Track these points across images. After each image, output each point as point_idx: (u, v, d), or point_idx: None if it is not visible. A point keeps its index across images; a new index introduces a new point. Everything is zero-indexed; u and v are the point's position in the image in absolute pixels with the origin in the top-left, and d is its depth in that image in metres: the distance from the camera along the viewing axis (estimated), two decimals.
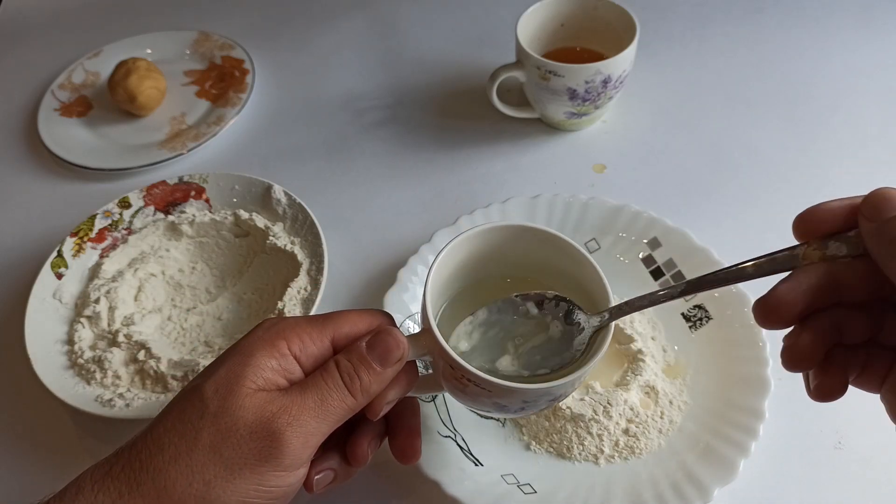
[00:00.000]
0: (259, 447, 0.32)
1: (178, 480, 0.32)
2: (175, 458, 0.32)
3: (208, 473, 0.32)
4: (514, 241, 0.45)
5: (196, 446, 0.32)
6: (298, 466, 0.34)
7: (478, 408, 0.45)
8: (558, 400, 0.42)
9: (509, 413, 0.42)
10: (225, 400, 0.33)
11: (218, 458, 0.32)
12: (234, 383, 0.33)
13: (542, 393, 0.39)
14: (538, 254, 0.45)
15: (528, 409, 0.41)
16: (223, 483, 0.32)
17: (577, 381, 0.40)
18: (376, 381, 0.36)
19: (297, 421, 0.33)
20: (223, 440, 0.32)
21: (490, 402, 0.40)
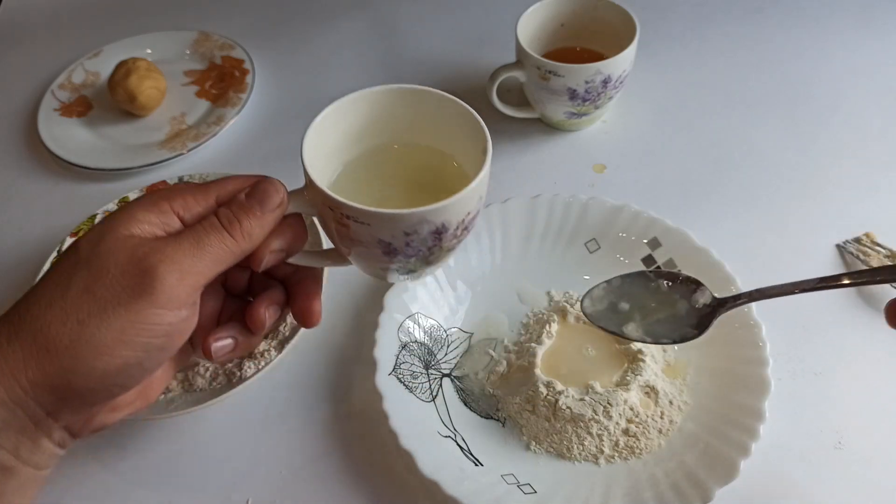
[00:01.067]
0: (132, 283, 0.32)
1: (52, 323, 0.32)
2: (49, 304, 0.32)
3: (81, 313, 0.32)
4: (394, 105, 0.44)
5: (69, 290, 0.32)
6: (177, 306, 0.33)
7: (372, 263, 0.43)
8: (447, 234, 0.40)
9: (402, 260, 0.41)
10: (96, 246, 0.33)
11: (90, 298, 0.32)
12: (107, 232, 0.34)
13: (417, 219, 0.38)
14: (422, 117, 0.45)
15: (416, 245, 0.40)
16: (97, 321, 0.32)
17: (458, 207, 0.39)
18: (257, 224, 0.36)
19: (170, 258, 0.33)
20: (95, 281, 0.32)
21: (375, 241, 0.39)
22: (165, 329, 0.33)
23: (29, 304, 0.33)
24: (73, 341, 0.32)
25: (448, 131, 0.45)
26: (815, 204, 0.63)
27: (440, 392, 0.52)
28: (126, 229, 0.34)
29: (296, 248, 0.40)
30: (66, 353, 0.32)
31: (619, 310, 0.48)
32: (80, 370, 0.32)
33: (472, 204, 0.41)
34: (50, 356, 0.32)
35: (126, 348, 0.32)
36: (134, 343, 0.33)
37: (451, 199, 0.38)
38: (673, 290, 0.48)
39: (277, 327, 0.50)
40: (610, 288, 0.49)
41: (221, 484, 0.51)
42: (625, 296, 0.48)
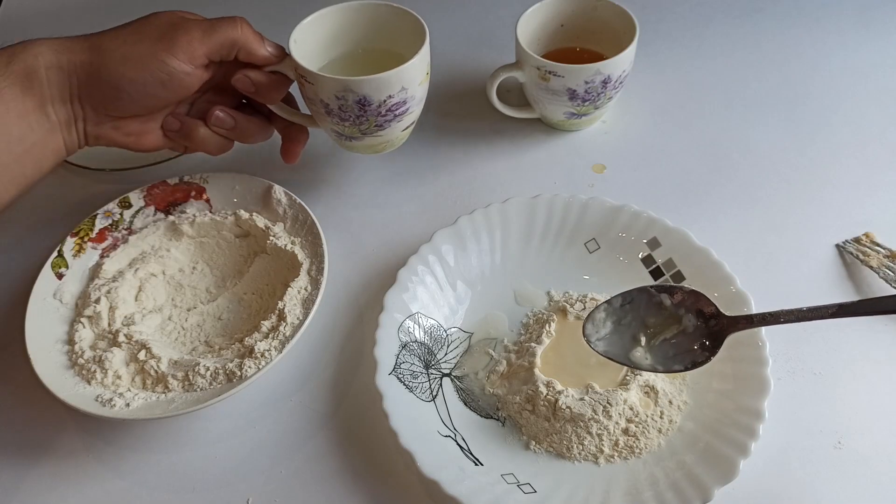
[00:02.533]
0: (161, 34, 0.51)
1: (108, 38, 0.51)
2: (106, 34, 0.52)
3: (128, 38, 0.51)
4: (356, 18, 0.61)
5: (121, 30, 0.52)
6: (183, 59, 0.51)
7: (323, 122, 0.58)
8: (370, 108, 0.55)
9: (338, 123, 0.57)
10: (160, 14, 0.53)
11: (136, 34, 0.51)
12: (173, 16, 0.53)
13: (341, 86, 0.53)
14: (380, 25, 0.61)
15: (346, 110, 0.55)
16: (132, 46, 0.51)
17: (375, 84, 0.54)
18: (255, 39, 0.54)
19: (189, 28, 0.51)
20: (143, 26, 0.52)
21: (318, 100, 0.55)
22: (169, 69, 0.51)
23: (105, 33, 0.52)
24: (113, 50, 0.50)
25: (402, 37, 0.59)
26: (815, 204, 0.63)
27: (440, 392, 0.52)
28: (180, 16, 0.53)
29: (276, 93, 0.57)
30: (107, 54, 0.50)
31: (624, 332, 0.46)
32: (110, 66, 0.50)
33: (393, 88, 0.55)
34: (95, 52, 0.50)
35: (142, 68, 0.50)
36: (149, 67, 0.50)
37: (367, 77, 0.53)
38: (678, 305, 0.45)
39: (261, 136, 0.60)
40: (611, 309, 0.47)
41: (221, 484, 0.51)
42: (628, 315, 0.46)
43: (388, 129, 0.58)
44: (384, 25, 0.61)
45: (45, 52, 0.49)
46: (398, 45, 0.60)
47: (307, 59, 0.56)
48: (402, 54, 0.58)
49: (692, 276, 0.55)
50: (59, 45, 0.50)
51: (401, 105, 0.56)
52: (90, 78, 0.50)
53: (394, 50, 0.60)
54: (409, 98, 0.57)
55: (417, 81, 0.56)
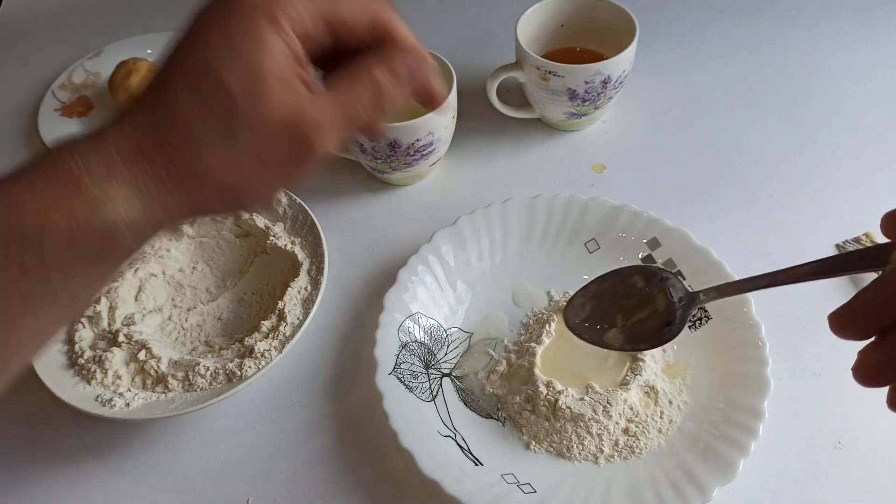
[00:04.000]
0: (291, 153, 0.32)
1: (216, 167, 0.31)
2: (210, 146, 0.31)
3: (246, 167, 0.32)
4: None
5: (233, 134, 0.31)
6: (322, 159, 0.34)
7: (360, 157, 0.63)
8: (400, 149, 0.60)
9: (371, 160, 0.62)
10: (253, 91, 0.31)
11: (254, 157, 0.32)
12: (257, 73, 0.31)
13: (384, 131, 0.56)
14: None
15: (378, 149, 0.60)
16: (260, 177, 0.33)
17: (406, 131, 0.58)
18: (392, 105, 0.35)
19: (325, 132, 0.32)
20: (256, 138, 0.32)
21: (355, 140, 0.60)
22: (304, 175, 0.35)
23: (181, 134, 0.31)
24: (236, 192, 0.33)
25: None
26: (815, 204, 0.63)
27: (440, 392, 0.52)
28: (273, 73, 0.31)
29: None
30: (231, 199, 0.33)
31: (601, 315, 0.45)
32: (236, 207, 0.34)
33: (420, 133, 0.60)
34: (214, 198, 0.32)
35: (274, 189, 0.35)
36: (279, 186, 0.35)
37: (398, 124, 0.58)
38: (649, 285, 0.44)
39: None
40: (587, 293, 0.46)
41: (221, 484, 0.51)
42: (604, 299, 0.45)
43: (417, 165, 0.64)
44: None
45: (133, 215, 0.31)
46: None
47: None
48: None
49: (692, 275, 0.55)
50: (151, 196, 0.31)
51: (428, 146, 0.62)
52: (206, 216, 0.37)
53: None
54: (436, 140, 0.62)
55: (443, 126, 0.62)
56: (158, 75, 0.33)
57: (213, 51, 0.31)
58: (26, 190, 0.29)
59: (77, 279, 0.31)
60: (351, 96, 0.33)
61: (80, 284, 0.31)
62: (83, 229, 0.30)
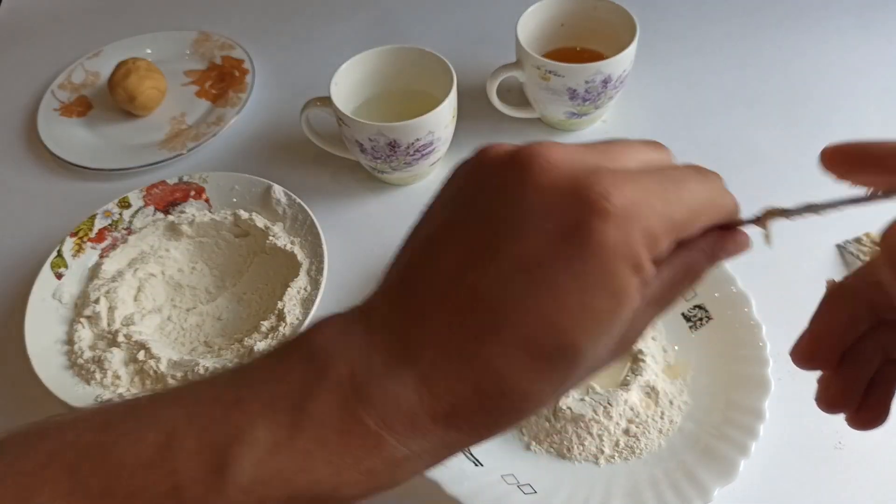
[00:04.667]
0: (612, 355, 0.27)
1: (528, 403, 0.26)
2: (537, 402, 0.26)
3: (554, 385, 0.25)
4: (388, 61, 0.65)
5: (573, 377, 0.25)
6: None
7: (360, 158, 0.64)
8: (400, 149, 0.60)
9: (371, 160, 0.62)
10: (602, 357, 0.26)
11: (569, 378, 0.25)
12: (614, 345, 0.26)
13: (375, 130, 0.58)
14: (411, 68, 0.65)
15: (378, 149, 0.60)
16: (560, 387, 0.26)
17: (405, 131, 0.58)
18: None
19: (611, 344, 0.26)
20: (593, 365, 0.26)
21: (354, 140, 0.61)
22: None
23: (513, 403, 0.25)
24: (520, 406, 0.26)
25: (432, 78, 0.64)
26: None
27: None
28: (638, 281, 0.24)
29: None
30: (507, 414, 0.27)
31: None
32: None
33: (420, 132, 0.59)
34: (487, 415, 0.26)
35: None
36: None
37: (397, 123, 0.58)
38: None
39: None
40: None
41: None
42: None
43: (417, 165, 0.63)
44: (416, 68, 0.65)
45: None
46: (429, 86, 0.65)
47: (345, 99, 0.62)
48: (432, 94, 0.64)
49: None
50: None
51: (428, 146, 0.61)
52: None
53: (425, 90, 0.65)
54: (436, 139, 0.62)
55: (444, 125, 0.61)
56: (476, 312, 0.24)
57: (568, 312, 0.23)
58: (317, 445, 0.25)
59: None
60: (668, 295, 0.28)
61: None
62: (379, 484, 0.27)
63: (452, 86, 0.61)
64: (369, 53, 0.65)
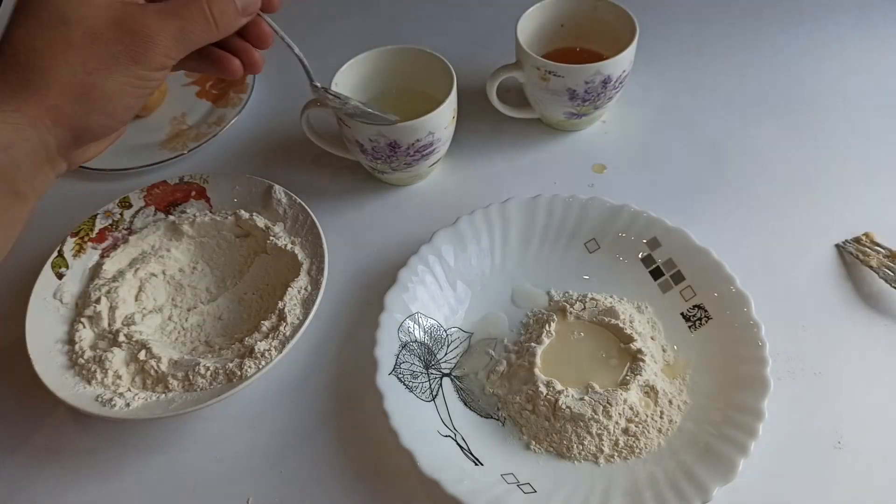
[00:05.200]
0: (128, 48, 0.39)
1: (62, 72, 0.38)
2: (54, 56, 0.38)
3: (89, 65, 0.38)
4: (391, 60, 0.65)
5: (70, 46, 0.38)
6: (163, 69, 0.41)
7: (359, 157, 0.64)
8: (400, 150, 0.60)
9: (371, 160, 0.62)
10: (81, 8, 0.38)
11: (92, 56, 0.38)
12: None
13: (375, 131, 0.58)
14: (413, 68, 0.66)
15: (378, 150, 0.60)
16: (103, 75, 0.39)
17: (405, 131, 0.59)
18: (236, 22, 0.44)
19: (159, 34, 0.40)
20: (93, 38, 0.38)
21: (354, 140, 0.61)
22: (155, 84, 0.42)
23: (25, 56, 0.38)
24: (86, 89, 0.39)
25: (433, 78, 0.64)
26: (815, 204, 0.63)
27: (440, 392, 0.52)
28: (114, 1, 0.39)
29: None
30: (83, 98, 0.39)
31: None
32: (94, 111, 0.40)
33: (420, 133, 0.60)
34: (68, 100, 0.38)
35: (126, 96, 0.40)
36: (132, 93, 0.41)
37: (399, 124, 0.58)
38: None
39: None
40: None
41: (221, 484, 0.51)
42: None
43: (417, 165, 0.63)
44: (416, 68, 0.65)
45: (13, 142, 0.38)
46: (429, 86, 0.65)
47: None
48: (432, 94, 0.64)
49: (692, 275, 0.55)
50: (8, 111, 0.38)
51: (428, 147, 0.62)
52: (76, 132, 0.40)
53: (425, 90, 0.66)
54: (436, 140, 0.62)
55: (444, 126, 0.62)
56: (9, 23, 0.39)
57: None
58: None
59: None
60: (184, 12, 0.41)
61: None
62: None
63: (452, 86, 0.61)
64: (369, 53, 0.65)
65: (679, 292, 0.56)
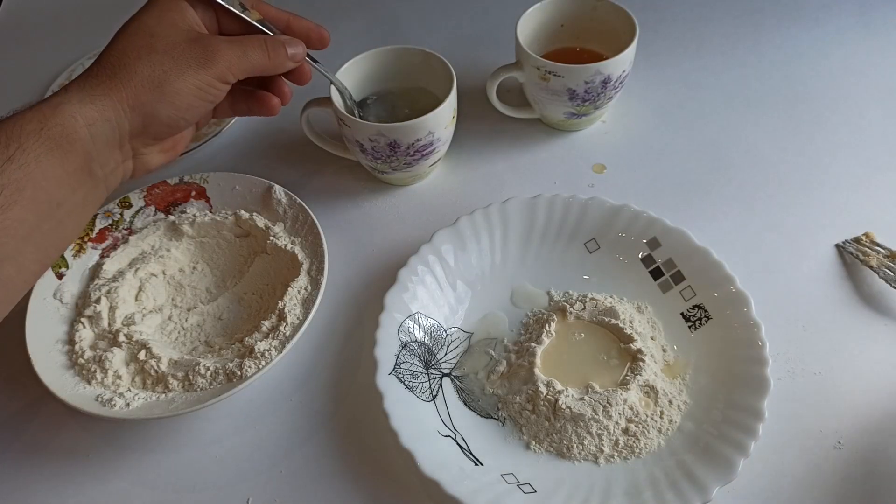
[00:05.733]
0: (199, 56, 0.48)
1: (142, 70, 0.46)
2: (139, 57, 0.47)
3: (165, 66, 0.47)
4: (394, 59, 0.66)
5: (153, 51, 0.47)
6: (226, 81, 0.49)
7: (359, 157, 0.64)
8: (400, 150, 0.61)
9: (371, 160, 0.63)
10: (162, 24, 0.48)
11: (170, 59, 0.47)
12: (166, 15, 0.49)
13: (374, 131, 0.59)
14: (412, 67, 0.66)
15: (378, 150, 0.61)
16: (175, 75, 0.47)
17: (405, 131, 0.59)
18: (286, 60, 0.53)
19: (225, 50, 0.49)
20: (172, 47, 0.47)
21: (354, 140, 0.62)
22: (216, 93, 0.50)
23: (117, 59, 0.47)
24: (160, 83, 0.47)
25: (433, 77, 0.65)
26: (815, 204, 0.63)
27: (440, 392, 0.52)
28: (182, 20, 0.49)
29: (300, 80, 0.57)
30: (157, 90, 0.47)
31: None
32: (164, 102, 0.47)
33: (420, 133, 0.60)
34: (145, 90, 0.46)
35: (193, 97, 0.48)
36: (197, 94, 0.48)
37: (397, 124, 0.59)
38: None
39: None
40: None
41: (221, 484, 0.51)
42: None
43: (417, 165, 0.64)
44: (416, 67, 0.66)
45: (85, 110, 0.45)
46: (429, 86, 0.66)
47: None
48: (432, 93, 0.65)
49: (692, 275, 0.55)
50: (97, 95, 0.46)
51: (428, 146, 0.62)
52: (147, 119, 0.47)
53: (425, 90, 0.66)
54: (436, 140, 0.62)
55: (444, 125, 0.62)
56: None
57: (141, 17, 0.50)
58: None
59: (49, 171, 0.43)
60: (245, 41, 0.50)
61: (53, 181, 0.44)
62: (47, 122, 0.44)
63: (452, 86, 0.61)
64: (369, 53, 0.65)
65: (679, 292, 0.56)
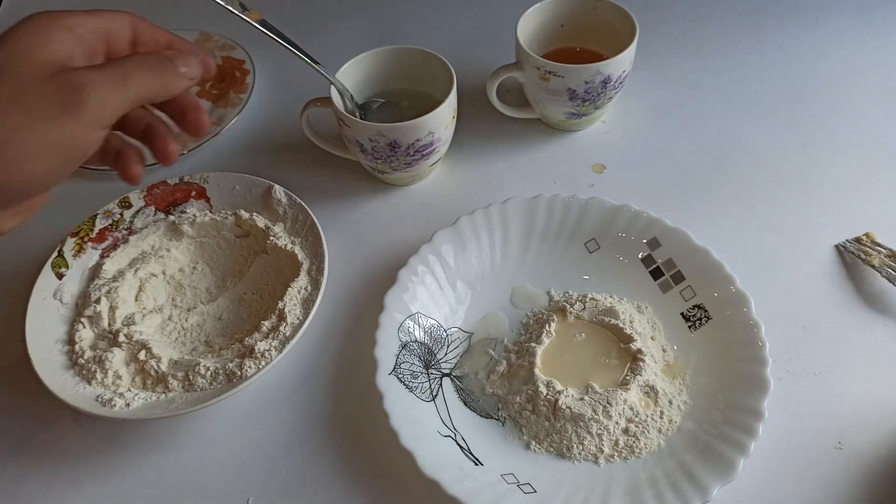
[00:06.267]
0: (59, 101, 0.34)
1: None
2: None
3: (11, 121, 0.33)
4: (394, 59, 0.65)
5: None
6: (100, 128, 0.36)
7: (359, 157, 0.64)
8: (400, 150, 0.60)
9: (371, 160, 0.62)
10: (17, 63, 0.34)
11: (18, 108, 0.33)
12: (25, 52, 0.34)
13: (375, 131, 0.59)
14: (413, 68, 0.65)
15: (378, 150, 0.60)
16: (26, 131, 0.33)
17: (405, 131, 0.59)
18: (184, 81, 0.40)
19: (96, 83, 0.35)
20: (21, 91, 0.34)
21: (355, 141, 0.62)
22: (86, 146, 0.36)
23: None
24: (3, 146, 0.33)
25: (433, 77, 0.65)
26: (815, 204, 0.63)
27: (440, 392, 0.52)
28: (44, 51, 0.35)
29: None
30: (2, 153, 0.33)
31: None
32: (10, 171, 0.34)
33: (420, 133, 0.60)
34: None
35: (51, 158, 0.35)
36: (58, 154, 0.35)
37: (397, 124, 0.59)
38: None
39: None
40: None
41: (221, 484, 0.51)
42: None
43: (417, 165, 0.63)
44: (416, 68, 0.66)
45: None
46: (429, 86, 0.66)
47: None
48: (432, 94, 0.65)
49: (692, 275, 0.55)
50: None
51: (428, 146, 0.62)
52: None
53: (425, 90, 0.66)
54: (436, 140, 0.62)
55: (444, 126, 0.62)
56: None
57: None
58: None
59: None
60: (125, 62, 0.37)
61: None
62: None
63: (452, 86, 0.61)
64: (369, 53, 0.65)
65: (679, 292, 0.56)
